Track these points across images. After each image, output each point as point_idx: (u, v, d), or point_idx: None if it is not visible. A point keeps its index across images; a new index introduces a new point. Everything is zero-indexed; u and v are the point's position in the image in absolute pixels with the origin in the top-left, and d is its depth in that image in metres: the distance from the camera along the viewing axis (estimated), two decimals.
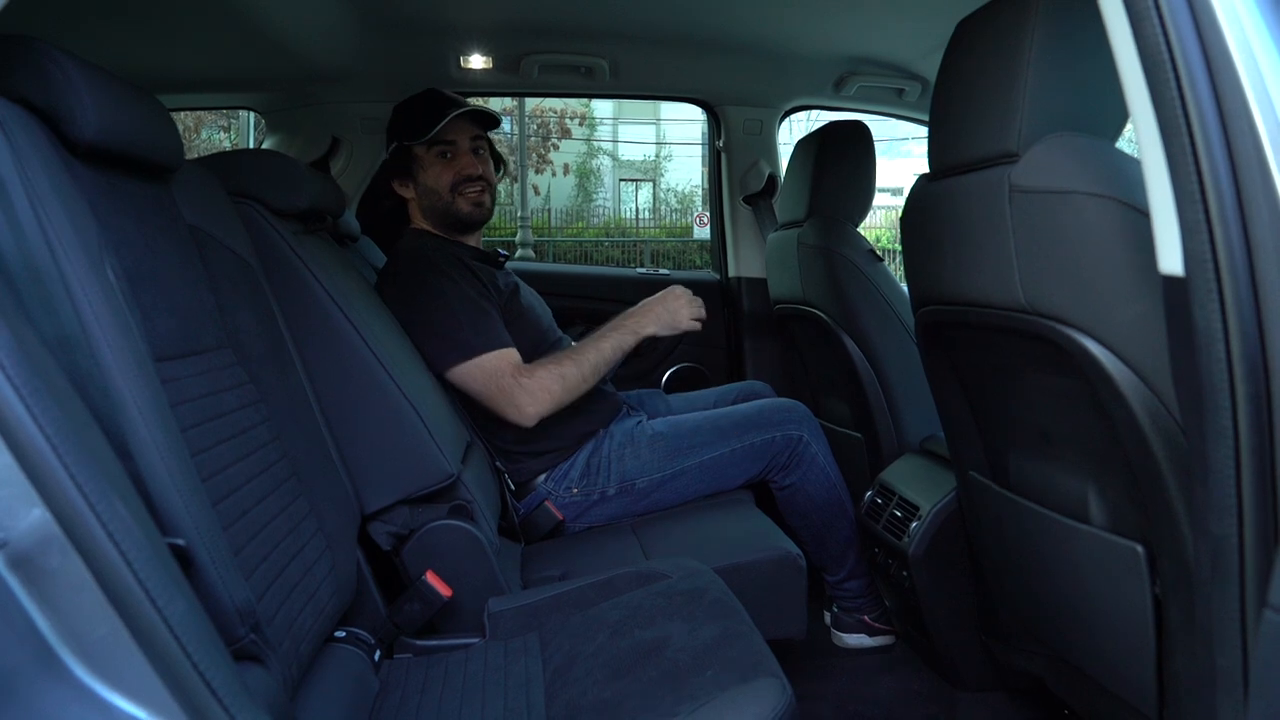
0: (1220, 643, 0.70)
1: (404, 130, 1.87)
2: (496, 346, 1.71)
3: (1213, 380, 0.68)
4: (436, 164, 1.87)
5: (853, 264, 1.96)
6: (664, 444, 1.83)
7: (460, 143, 1.87)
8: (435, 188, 1.87)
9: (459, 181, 1.87)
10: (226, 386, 1.02)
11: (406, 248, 1.87)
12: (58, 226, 0.73)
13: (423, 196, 1.89)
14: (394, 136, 1.90)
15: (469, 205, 1.88)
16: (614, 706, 0.99)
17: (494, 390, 1.70)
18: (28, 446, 0.58)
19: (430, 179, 1.87)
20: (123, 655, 0.58)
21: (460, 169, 1.87)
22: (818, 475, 1.88)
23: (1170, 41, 0.69)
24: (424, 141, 1.84)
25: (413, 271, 1.78)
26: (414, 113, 1.87)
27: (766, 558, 1.58)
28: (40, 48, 0.80)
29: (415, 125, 1.85)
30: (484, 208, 1.90)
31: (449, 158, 1.87)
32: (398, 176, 1.91)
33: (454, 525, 1.40)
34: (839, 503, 1.90)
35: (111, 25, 1.69)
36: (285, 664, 0.93)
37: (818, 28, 2.20)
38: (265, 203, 1.36)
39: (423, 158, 1.87)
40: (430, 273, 1.76)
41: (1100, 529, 1.12)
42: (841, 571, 1.93)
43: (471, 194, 1.88)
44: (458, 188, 1.87)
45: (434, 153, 1.86)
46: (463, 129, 1.87)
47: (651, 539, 1.69)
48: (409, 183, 1.90)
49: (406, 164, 1.89)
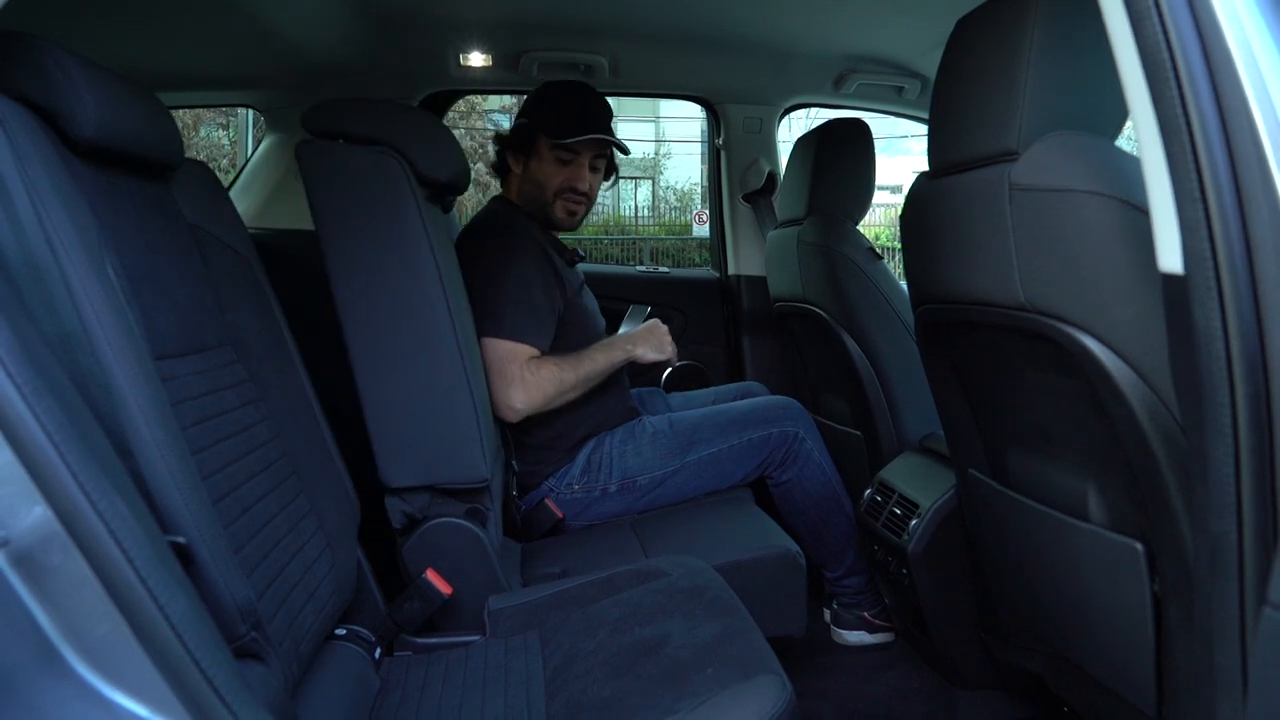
0: (1219, 640, 0.70)
1: (543, 119, 1.88)
2: (522, 338, 1.72)
3: (1212, 378, 0.68)
4: (553, 163, 1.89)
5: (852, 262, 1.96)
6: (664, 441, 1.84)
7: (583, 156, 1.90)
8: (542, 182, 1.90)
9: (565, 189, 1.90)
10: (227, 384, 1.02)
11: (492, 212, 1.91)
12: (58, 225, 0.73)
13: (526, 182, 1.92)
14: (531, 115, 1.91)
15: (563, 213, 1.92)
16: (614, 704, 0.99)
17: (495, 372, 1.70)
18: (29, 444, 0.59)
19: (541, 173, 1.90)
20: (124, 653, 0.59)
21: (572, 179, 1.90)
22: (814, 471, 1.88)
23: (1170, 40, 0.69)
24: (553, 141, 1.86)
25: (488, 236, 1.82)
26: (559, 107, 1.89)
27: (766, 555, 1.59)
28: (41, 45, 0.80)
29: (555, 121, 1.86)
30: (575, 219, 1.95)
31: (566, 163, 1.89)
32: (514, 150, 1.93)
33: (459, 524, 1.40)
34: (835, 499, 1.90)
35: (111, 22, 1.69)
36: (286, 662, 0.93)
37: (817, 25, 2.20)
38: (411, 161, 1.36)
39: (543, 150, 1.89)
40: (500, 244, 1.79)
41: (1100, 527, 1.12)
42: (840, 568, 1.93)
43: (571, 204, 1.92)
44: (562, 194, 1.90)
45: (556, 152, 1.88)
46: (591, 143, 1.89)
47: (651, 536, 1.70)
48: (521, 160, 1.92)
49: (527, 145, 1.91)
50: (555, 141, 1.86)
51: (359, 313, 1.35)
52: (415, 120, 1.48)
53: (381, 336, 1.35)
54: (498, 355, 1.70)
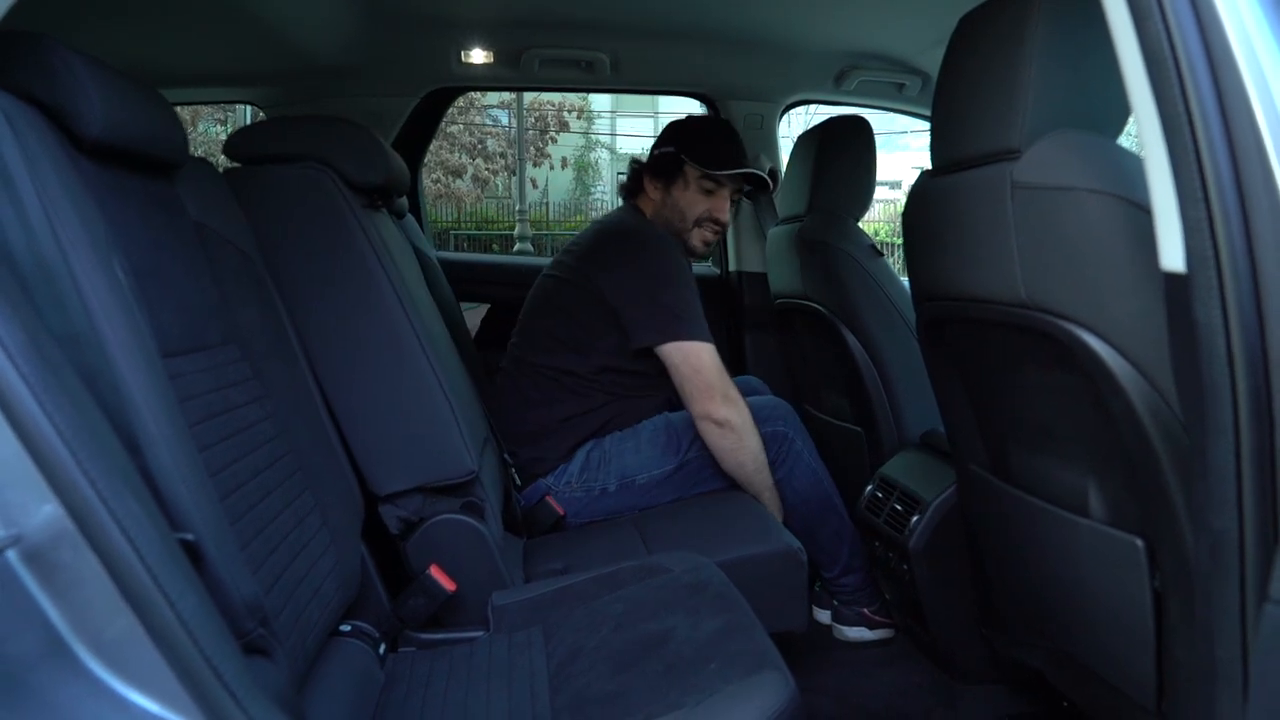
0: (1220, 635, 0.71)
1: (693, 149, 1.92)
2: (708, 338, 1.79)
3: (1214, 376, 0.68)
4: (698, 193, 1.94)
5: (853, 259, 1.96)
6: (663, 439, 1.84)
7: (727, 188, 1.95)
8: (685, 211, 1.94)
9: (706, 219, 1.95)
10: (232, 382, 1.02)
11: (643, 227, 1.93)
12: (66, 224, 0.74)
13: (667, 207, 1.96)
14: (678, 144, 1.94)
15: (699, 242, 1.98)
16: (618, 699, 1.00)
17: (693, 374, 1.76)
18: (40, 441, 0.59)
19: (684, 200, 1.94)
20: (137, 650, 0.59)
21: (714, 209, 1.95)
22: (804, 471, 1.89)
23: (1173, 38, 0.69)
24: (703, 171, 1.91)
25: (641, 242, 1.87)
26: (710, 139, 1.95)
27: (768, 551, 1.59)
28: (47, 44, 0.80)
29: (710, 153, 1.91)
30: (709, 248, 2.02)
31: (710, 194, 1.94)
32: (654, 176, 1.97)
33: (461, 520, 1.40)
34: (826, 498, 1.91)
35: (112, 20, 1.69)
36: (292, 658, 0.94)
37: (819, 22, 2.20)
38: (340, 172, 1.36)
39: (689, 179, 1.94)
40: (659, 249, 1.85)
41: (1100, 523, 1.12)
42: (836, 567, 1.94)
43: (708, 234, 1.97)
44: (702, 223, 1.95)
45: (702, 183, 1.93)
46: (736, 176, 1.94)
47: (653, 533, 1.70)
48: (660, 186, 1.96)
49: (672, 172, 1.95)
50: (705, 172, 1.90)
51: (316, 329, 1.35)
52: (339, 131, 1.47)
53: (342, 349, 1.35)
54: (700, 358, 1.76)
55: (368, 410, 1.36)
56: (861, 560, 1.93)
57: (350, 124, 1.52)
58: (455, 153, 15.85)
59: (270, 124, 1.46)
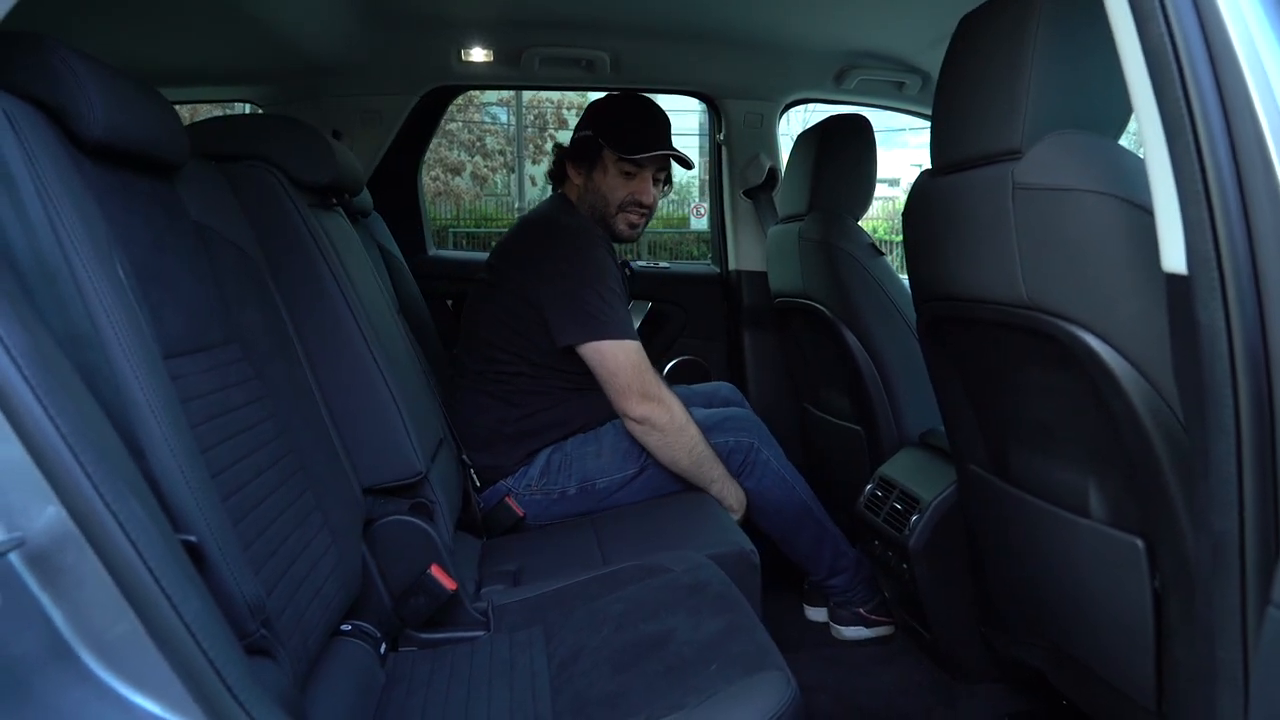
0: (1221, 636, 0.71)
1: (608, 132, 1.89)
2: (632, 335, 1.77)
3: (1215, 377, 0.68)
4: (618, 177, 1.90)
5: (854, 258, 1.97)
6: (624, 444, 1.82)
7: (647, 169, 1.91)
8: (606, 195, 1.91)
9: (629, 202, 1.92)
10: (233, 382, 1.02)
11: (564, 218, 1.90)
12: (68, 224, 0.74)
13: (589, 193, 1.93)
14: (595, 127, 1.91)
15: (625, 226, 1.94)
16: (619, 699, 1.00)
17: (615, 374, 1.74)
18: (43, 444, 0.59)
19: (605, 185, 1.91)
20: (140, 653, 0.59)
21: (636, 192, 1.91)
22: (773, 480, 1.87)
23: (1175, 39, 0.69)
24: (618, 154, 1.88)
25: (565, 237, 1.83)
26: (624, 121, 1.91)
27: (720, 554, 1.54)
28: (48, 45, 0.80)
29: (621, 136, 1.88)
30: (636, 231, 1.97)
31: (631, 177, 1.90)
32: (576, 161, 1.94)
33: (409, 522, 1.38)
34: (801, 504, 1.89)
35: (111, 19, 1.69)
36: (294, 658, 0.94)
37: (819, 21, 2.20)
38: (286, 171, 1.35)
39: (608, 163, 1.90)
40: (583, 246, 1.81)
41: (1100, 523, 1.13)
42: (821, 570, 1.93)
43: (633, 217, 1.93)
44: (625, 207, 1.92)
45: (620, 166, 1.90)
46: (655, 157, 1.90)
47: (609, 535, 1.68)
48: (583, 171, 1.93)
49: (591, 157, 1.91)
50: (622, 156, 1.87)
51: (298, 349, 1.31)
52: (285, 130, 1.45)
53: (309, 352, 1.32)
54: (615, 358, 1.74)
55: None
56: (848, 560, 1.93)
57: (297, 123, 1.51)
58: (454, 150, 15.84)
59: (216, 121, 1.44)
